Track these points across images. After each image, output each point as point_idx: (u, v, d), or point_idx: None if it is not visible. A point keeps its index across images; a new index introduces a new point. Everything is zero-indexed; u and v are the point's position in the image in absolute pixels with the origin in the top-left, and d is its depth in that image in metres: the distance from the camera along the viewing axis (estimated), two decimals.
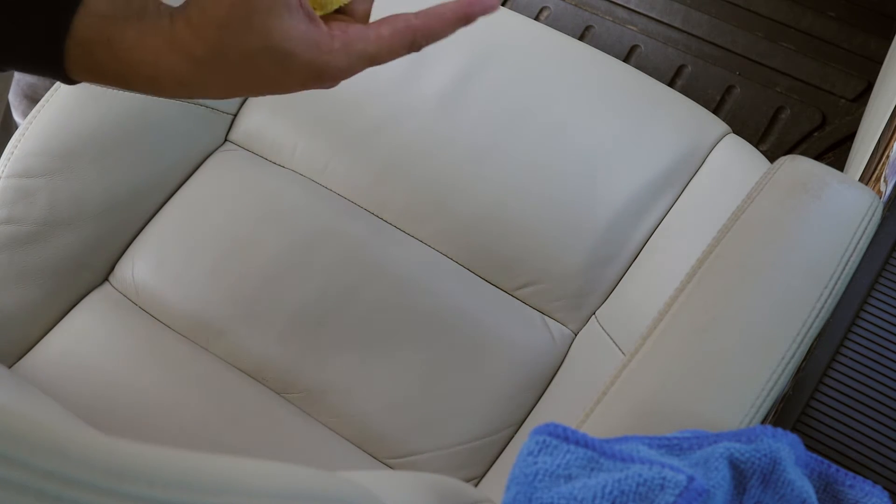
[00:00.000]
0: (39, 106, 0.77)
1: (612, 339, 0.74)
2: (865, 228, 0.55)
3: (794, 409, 0.52)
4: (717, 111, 1.24)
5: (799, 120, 1.22)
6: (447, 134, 0.82)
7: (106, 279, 0.82)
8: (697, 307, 0.52)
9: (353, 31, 0.43)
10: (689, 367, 0.49)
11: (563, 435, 0.41)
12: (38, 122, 0.76)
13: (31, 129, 0.76)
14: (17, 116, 0.98)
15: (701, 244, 0.56)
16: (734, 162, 0.81)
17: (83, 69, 0.42)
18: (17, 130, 0.77)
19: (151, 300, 0.79)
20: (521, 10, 1.33)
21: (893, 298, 0.55)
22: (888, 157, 0.72)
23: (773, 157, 0.97)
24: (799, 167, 0.58)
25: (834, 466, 0.46)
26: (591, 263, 0.78)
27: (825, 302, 0.51)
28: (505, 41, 0.86)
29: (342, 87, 0.51)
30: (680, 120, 0.83)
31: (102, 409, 0.74)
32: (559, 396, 0.74)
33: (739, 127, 1.22)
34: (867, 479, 0.46)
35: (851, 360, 0.53)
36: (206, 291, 0.78)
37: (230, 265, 0.79)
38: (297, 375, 0.75)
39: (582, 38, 1.31)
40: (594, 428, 0.49)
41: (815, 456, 0.46)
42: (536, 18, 1.33)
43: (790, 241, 0.54)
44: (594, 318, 0.77)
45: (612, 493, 0.38)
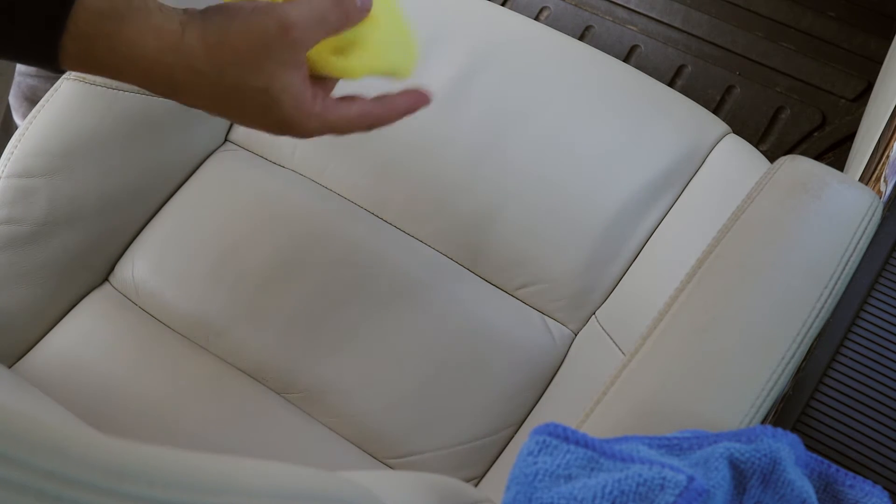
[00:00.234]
0: (39, 106, 0.77)
1: (612, 339, 0.74)
2: (865, 228, 0.55)
3: (794, 409, 0.52)
4: (717, 111, 1.24)
5: (799, 120, 1.22)
6: (447, 134, 0.82)
7: (106, 279, 0.82)
8: (697, 307, 0.52)
9: (329, 102, 0.48)
10: (689, 367, 0.49)
11: (563, 435, 0.41)
12: (37, 122, 0.76)
13: (30, 129, 0.76)
14: (17, 118, 0.98)
15: (701, 244, 0.56)
16: (734, 162, 0.81)
17: (77, 61, 0.44)
18: (16, 131, 0.76)
19: (151, 300, 0.79)
20: (521, 10, 1.33)
21: (893, 298, 0.55)
22: (888, 157, 0.72)
23: (773, 157, 0.97)
24: (799, 167, 0.58)
25: (834, 466, 0.46)
26: (591, 263, 0.78)
27: (825, 302, 0.51)
28: (505, 41, 0.86)
29: (342, 86, 0.51)
30: (680, 120, 0.83)
31: (102, 408, 0.74)
32: (559, 396, 0.74)
33: (739, 127, 1.22)
34: (867, 479, 0.46)
35: (851, 360, 0.53)
36: (206, 291, 0.78)
37: (230, 265, 0.79)
38: (297, 375, 0.75)
39: (582, 38, 1.31)
40: (594, 428, 0.49)
41: (815, 456, 0.46)
42: (536, 18, 1.33)
43: (790, 241, 0.54)
44: (594, 318, 0.77)
45: (612, 493, 0.38)
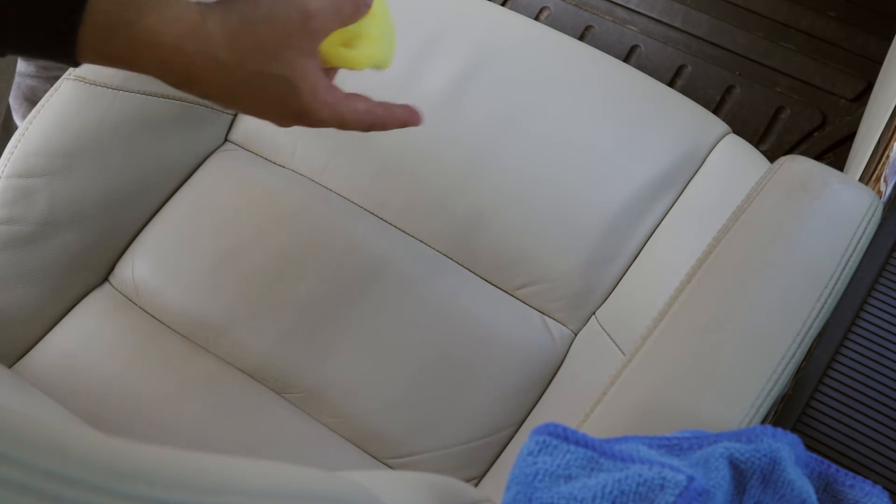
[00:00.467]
0: (39, 106, 0.77)
1: (612, 339, 0.74)
2: (865, 228, 0.54)
3: (794, 409, 0.52)
4: (717, 111, 1.24)
5: (799, 120, 1.22)
6: (447, 134, 0.82)
7: (106, 279, 0.82)
8: (697, 307, 0.52)
9: (339, 94, 0.50)
10: (689, 367, 0.49)
11: (563, 435, 0.41)
12: (37, 122, 0.76)
13: (30, 129, 0.76)
14: (17, 119, 0.98)
15: (701, 244, 0.56)
16: (734, 162, 0.81)
17: (95, 53, 0.44)
18: (17, 131, 0.76)
19: (151, 300, 0.79)
20: (521, 10, 1.33)
21: (893, 298, 0.55)
22: (888, 157, 0.72)
23: (773, 157, 0.97)
24: (799, 167, 0.58)
25: (834, 466, 0.46)
26: (591, 263, 0.78)
27: (825, 302, 0.51)
28: (505, 41, 0.86)
29: (342, 86, 0.51)
30: (680, 120, 0.83)
31: (102, 409, 0.74)
32: (559, 396, 0.74)
33: (739, 127, 1.22)
34: (867, 479, 0.46)
35: (851, 360, 0.53)
36: (205, 291, 0.78)
37: (230, 265, 0.78)
38: (297, 375, 0.75)
39: (582, 38, 1.31)
40: (594, 428, 0.49)
41: (815, 456, 0.46)
42: (536, 18, 1.33)
43: (790, 241, 0.54)
44: (594, 318, 0.77)
45: (612, 493, 0.38)
